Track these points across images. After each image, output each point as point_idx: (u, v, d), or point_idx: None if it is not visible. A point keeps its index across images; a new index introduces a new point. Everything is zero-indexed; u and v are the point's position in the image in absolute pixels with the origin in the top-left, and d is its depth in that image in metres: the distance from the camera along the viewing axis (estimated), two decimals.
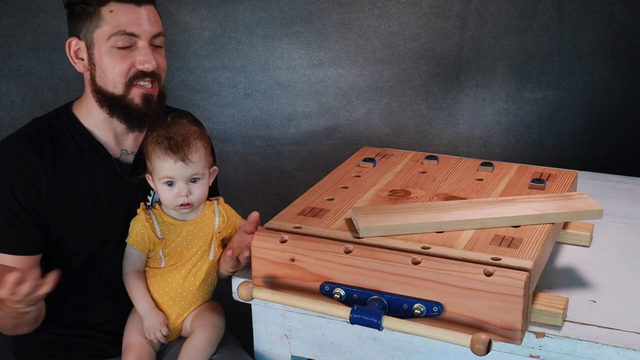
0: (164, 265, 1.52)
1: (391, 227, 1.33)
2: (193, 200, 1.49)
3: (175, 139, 1.47)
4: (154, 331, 1.52)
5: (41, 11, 2.07)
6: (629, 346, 1.20)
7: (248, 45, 2.26)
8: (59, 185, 1.54)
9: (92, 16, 1.51)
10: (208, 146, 1.52)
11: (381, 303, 1.25)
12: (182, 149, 1.46)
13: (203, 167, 1.49)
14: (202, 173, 1.49)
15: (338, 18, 2.24)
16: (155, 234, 1.50)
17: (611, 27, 2.21)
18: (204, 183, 1.50)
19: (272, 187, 2.39)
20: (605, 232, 1.63)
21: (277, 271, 1.34)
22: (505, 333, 1.20)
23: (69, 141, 1.58)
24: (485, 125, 2.33)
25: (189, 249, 1.53)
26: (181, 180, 1.47)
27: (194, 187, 1.49)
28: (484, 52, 2.25)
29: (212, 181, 1.55)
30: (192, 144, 1.47)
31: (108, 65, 1.53)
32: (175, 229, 1.52)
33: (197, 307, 1.57)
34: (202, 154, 1.48)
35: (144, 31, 1.53)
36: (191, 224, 1.53)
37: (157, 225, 1.51)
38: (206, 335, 1.52)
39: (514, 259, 1.23)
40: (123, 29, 1.51)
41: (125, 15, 1.51)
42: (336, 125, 2.34)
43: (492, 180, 1.61)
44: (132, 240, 1.51)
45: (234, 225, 1.58)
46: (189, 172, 1.47)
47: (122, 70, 1.53)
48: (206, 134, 1.53)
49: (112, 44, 1.52)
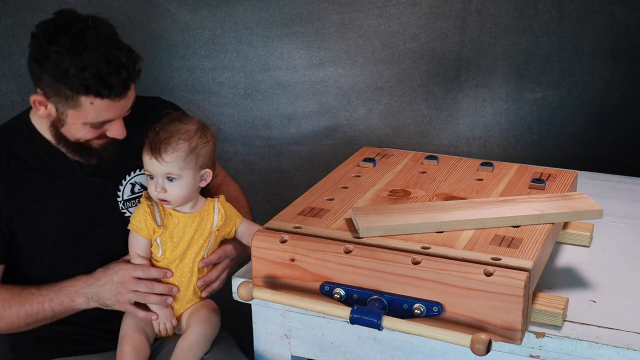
0: (161, 255, 1.53)
1: (391, 227, 1.33)
2: (169, 198, 1.50)
3: (158, 135, 1.48)
4: (165, 321, 1.55)
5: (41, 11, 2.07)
6: (629, 346, 1.20)
7: (248, 45, 2.26)
8: (23, 198, 1.54)
9: (69, 98, 1.46)
10: (198, 150, 1.50)
11: (381, 303, 1.25)
12: (158, 147, 1.47)
13: (180, 168, 1.48)
14: (177, 174, 1.48)
15: (338, 18, 2.24)
16: (154, 221, 1.52)
17: (611, 27, 2.21)
18: (181, 184, 1.49)
19: (272, 187, 2.39)
20: (605, 232, 1.63)
21: (277, 271, 1.34)
22: (505, 333, 1.20)
23: (27, 151, 1.57)
24: (485, 125, 2.32)
25: (185, 240, 1.53)
26: (158, 176, 1.49)
27: (169, 185, 1.49)
28: (484, 52, 2.25)
29: (204, 184, 1.55)
30: (171, 144, 1.47)
31: (77, 133, 1.52)
32: (173, 219, 1.54)
33: (195, 304, 1.58)
34: (179, 155, 1.47)
35: (119, 115, 1.53)
36: (189, 217, 1.54)
37: (157, 212, 1.53)
38: (201, 331, 1.53)
39: (514, 259, 1.23)
40: (100, 120, 1.50)
41: (105, 109, 1.48)
42: (336, 125, 2.34)
43: (492, 180, 1.61)
44: (134, 227, 1.52)
45: (234, 224, 1.59)
46: (163, 170, 1.48)
47: (89, 137, 1.54)
48: (203, 139, 1.52)
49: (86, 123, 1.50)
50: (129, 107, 1.54)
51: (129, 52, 1.48)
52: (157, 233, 1.52)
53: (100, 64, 1.42)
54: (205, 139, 1.52)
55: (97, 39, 1.44)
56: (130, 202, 1.65)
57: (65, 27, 1.44)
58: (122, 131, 1.55)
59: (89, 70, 1.42)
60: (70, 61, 1.41)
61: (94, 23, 1.46)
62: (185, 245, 1.54)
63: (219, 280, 1.60)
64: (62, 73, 1.42)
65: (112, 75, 1.44)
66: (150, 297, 1.52)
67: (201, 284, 1.57)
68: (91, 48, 1.42)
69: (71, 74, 1.42)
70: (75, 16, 1.48)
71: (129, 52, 1.48)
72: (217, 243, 1.59)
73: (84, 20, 1.46)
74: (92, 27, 1.45)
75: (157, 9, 2.20)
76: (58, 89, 1.45)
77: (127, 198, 1.64)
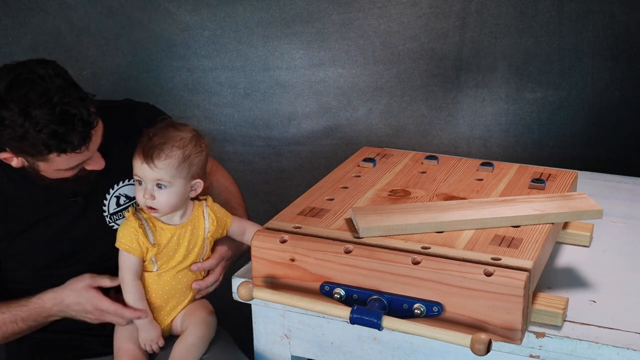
0: (156, 270, 1.52)
1: (391, 227, 1.33)
2: (157, 206, 1.46)
3: (152, 140, 1.44)
4: (151, 343, 1.53)
5: (41, 11, 2.07)
6: (629, 346, 1.20)
7: (248, 45, 2.26)
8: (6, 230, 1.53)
9: (35, 155, 1.42)
10: (192, 159, 1.47)
11: (381, 303, 1.25)
12: (150, 153, 1.43)
13: (171, 176, 1.44)
14: (168, 181, 1.44)
15: (338, 18, 2.24)
16: (147, 240, 1.48)
17: (611, 27, 2.21)
18: (170, 192, 1.46)
19: (272, 187, 2.39)
20: (605, 232, 1.62)
21: (277, 271, 1.34)
22: (505, 333, 1.20)
23: (5, 180, 1.54)
24: (485, 125, 2.33)
25: (180, 252, 1.52)
26: (148, 182, 1.45)
27: (158, 192, 1.45)
28: (484, 52, 2.25)
29: (194, 194, 1.52)
30: (165, 151, 1.44)
31: (56, 175, 1.50)
32: (165, 233, 1.50)
33: (188, 305, 1.57)
34: (172, 163, 1.44)
35: (90, 155, 1.48)
36: (181, 228, 1.51)
37: (149, 230, 1.49)
38: (198, 333, 1.52)
39: (514, 259, 1.23)
40: (73, 166, 1.47)
41: (74, 157, 1.45)
42: (336, 125, 2.34)
43: (492, 180, 1.61)
44: (126, 246, 1.47)
45: (225, 225, 1.56)
46: (153, 176, 1.44)
47: (70, 175, 1.50)
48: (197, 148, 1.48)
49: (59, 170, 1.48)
50: (98, 144, 1.48)
51: (80, 100, 1.41)
52: (152, 252, 1.49)
53: (54, 124, 1.37)
54: (199, 148, 1.49)
55: (46, 94, 1.38)
56: (117, 214, 1.63)
57: (11, 89, 1.38)
58: (100, 163, 1.52)
59: (44, 132, 1.37)
60: (24, 123, 1.37)
61: (37, 74, 1.39)
62: (181, 257, 1.52)
63: (217, 282, 1.60)
64: (20, 137, 1.39)
65: (69, 132, 1.39)
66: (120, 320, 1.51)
67: (196, 286, 1.56)
68: (41, 106, 1.37)
69: (30, 136, 1.38)
70: (17, 73, 1.40)
71: (79, 100, 1.41)
72: (211, 246, 1.57)
73: (28, 74, 1.39)
74: (38, 80, 1.39)
75: (157, 9, 2.20)
76: (22, 149, 1.42)
77: (113, 211, 1.62)
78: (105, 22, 2.17)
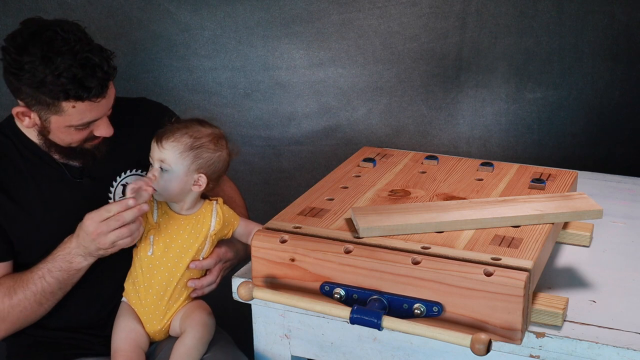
0: (151, 254, 1.53)
1: (391, 227, 1.33)
2: (156, 187, 1.49)
3: (172, 125, 1.51)
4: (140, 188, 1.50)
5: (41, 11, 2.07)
6: (629, 346, 1.20)
7: (248, 45, 2.26)
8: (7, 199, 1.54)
9: (50, 105, 1.47)
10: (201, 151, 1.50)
11: (381, 303, 1.25)
12: (163, 132, 1.50)
13: (174, 160, 1.48)
14: (169, 165, 1.48)
15: (338, 18, 2.24)
16: (152, 216, 1.53)
17: (611, 27, 2.21)
18: (171, 178, 1.49)
19: (272, 187, 2.39)
20: (605, 232, 1.63)
21: (277, 271, 1.34)
22: (505, 333, 1.20)
23: (13, 153, 1.57)
24: (485, 125, 2.33)
25: (178, 243, 1.53)
26: (155, 162, 1.50)
27: (159, 174, 1.49)
28: (484, 52, 2.25)
29: (197, 189, 1.53)
30: (175, 135, 1.49)
31: (65, 137, 1.53)
32: (169, 219, 1.54)
33: (183, 305, 1.57)
34: (177, 147, 1.48)
35: (102, 114, 1.53)
36: (185, 219, 1.54)
37: (155, 209, 1.54)
38: (197, 334, 1.52)
39: (514, 259, 1.23)
40: (84, 122, 1.50)
41: (87, 111, 1.49)
42: (336, 125, 2.34)
43: (492, 180, 1.61)
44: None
45: (232, 226, 1.58)
46: (158, 156, 1.49)
47: (79, 139, 1.55)
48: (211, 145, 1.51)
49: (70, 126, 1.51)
50: (111, 105, 1.54)
51: (101, 51, 1.48)
52: (152, 230, 1.52)
53: (75, 68, 1.43)
54: (214, 146, 1.52)
55: (68, 43, 1.44)
56: None
57: (34, 36, 1.44)
58: (108, 129, 1.55)
59: (64, 76, 1.42)
60: (45, 69, 1.42)
61: (61, 27, 1.46)
62: (178, 248, 1.53)
63: (214, 284, 1.60)
64: (39, 82, 1.43)
65: (89, 77, 1.44)
66: (124, 230, 1.47)
67: (192, 284, 1.56)
68: (63, 53, 1.43)
69: (48, 82, 1.42)
70: (42, 23, 1.48)
71: (101, 52, 1.48)
72: (213, 245, 1.58)
73: (51, 26, 1.46)
74: (61, 32, 1.45)
75: (157, 9, 2.20)
76: (38, 98, 1.46)
77: (119, 199, 1.64)
78: (105, 22, 2.17)
